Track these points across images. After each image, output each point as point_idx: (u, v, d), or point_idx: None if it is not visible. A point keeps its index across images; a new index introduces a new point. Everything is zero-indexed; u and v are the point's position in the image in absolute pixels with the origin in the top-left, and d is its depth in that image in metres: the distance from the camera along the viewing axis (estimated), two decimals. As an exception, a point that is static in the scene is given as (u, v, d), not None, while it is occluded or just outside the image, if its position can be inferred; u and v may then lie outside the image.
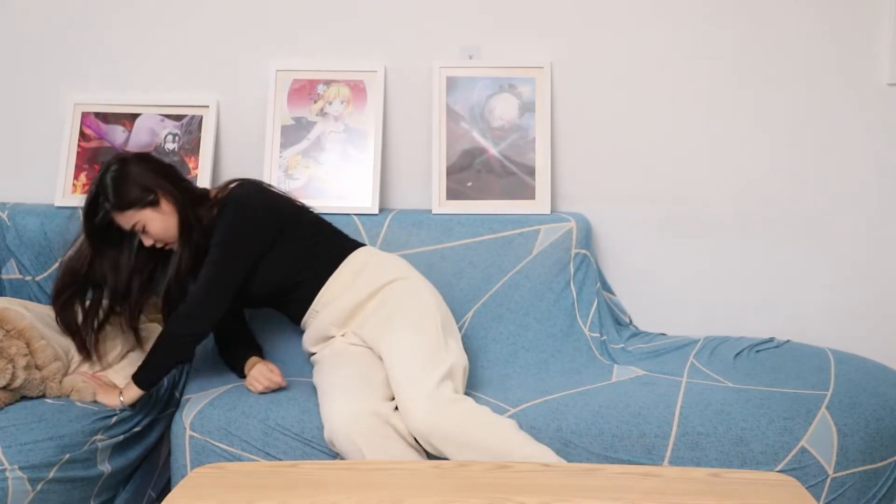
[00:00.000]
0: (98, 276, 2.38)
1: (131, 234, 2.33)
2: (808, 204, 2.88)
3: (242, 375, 2.40)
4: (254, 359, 2.42)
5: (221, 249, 2.30)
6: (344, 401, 2.09)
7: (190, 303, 2.28)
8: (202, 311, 2.28)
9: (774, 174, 2.88)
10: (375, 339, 2.29)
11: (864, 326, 2.87)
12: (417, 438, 2.09)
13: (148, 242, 2.33)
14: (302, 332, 2.48)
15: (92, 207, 2.30)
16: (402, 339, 2.23)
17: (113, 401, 2.27)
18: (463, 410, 2.10)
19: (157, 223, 2.30)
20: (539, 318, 2.69)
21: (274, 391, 2.31)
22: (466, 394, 2.24)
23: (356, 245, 2.48)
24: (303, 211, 2.48)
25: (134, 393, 2.29)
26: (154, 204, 2.29)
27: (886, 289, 2.89)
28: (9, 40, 2.96)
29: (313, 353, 2.41)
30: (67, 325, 2.38)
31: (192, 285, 2.31)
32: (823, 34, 2.84)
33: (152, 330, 2.52)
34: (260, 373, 2.33)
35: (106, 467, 2.17)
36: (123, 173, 2.29)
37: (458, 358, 2.23)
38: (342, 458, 2.10)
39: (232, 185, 2.41)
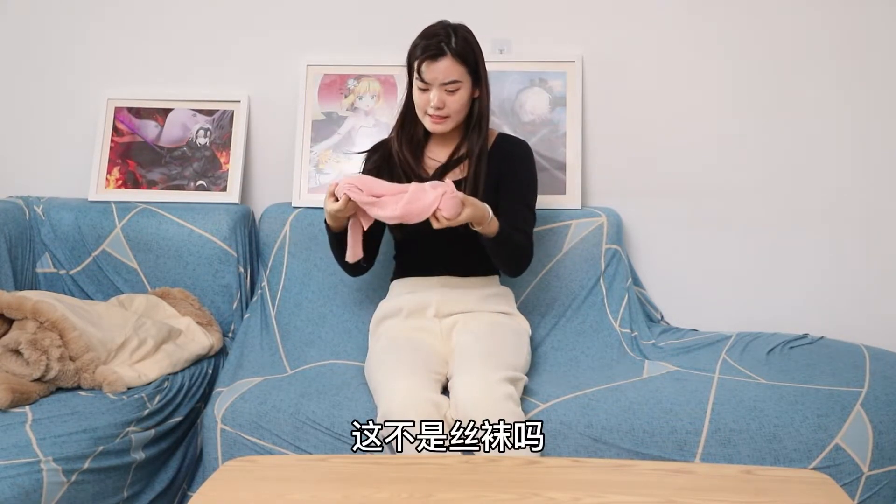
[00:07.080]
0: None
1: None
2: (841, 200, 2.84)
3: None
4: None
5: (533, 192, 2.46)
6: (409, 382, 2.10)
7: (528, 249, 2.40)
8: (532, 254, 2.41)
9: (807, 169, 2.84)
10: (465, 331, 2.33)
11: (901, 323, 2.83)
12: (459, 411, 2.06)
13: (438, 103, 2.33)
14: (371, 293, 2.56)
15: (433, 41, 2.31)
16: (495, 339, 2.29)
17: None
18: (509, 409, 2.06)
19: (466, 96, 2.35)
20: (569, 315, 2.68)
21: None
22: None
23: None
24: None
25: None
26: (476, 81, 2.37)
27: (923, 285, 2.85)
28: (42, 37, 2.99)
29: (386, 321, 2.43)
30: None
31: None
32: (859, 31, 2.80)
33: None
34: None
35: (139, 455, 2.19)
36: (473, 38, 2.37)
37: (522, 383, 2.23)
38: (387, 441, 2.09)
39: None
